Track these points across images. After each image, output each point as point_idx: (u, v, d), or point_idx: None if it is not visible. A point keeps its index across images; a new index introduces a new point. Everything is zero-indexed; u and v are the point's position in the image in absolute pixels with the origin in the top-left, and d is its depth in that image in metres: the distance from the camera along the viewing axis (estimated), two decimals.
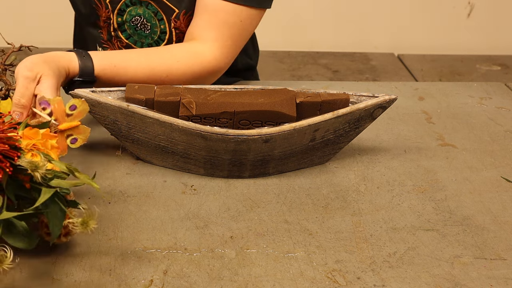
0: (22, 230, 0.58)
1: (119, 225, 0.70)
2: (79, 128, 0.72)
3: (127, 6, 0.96)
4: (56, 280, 0.62)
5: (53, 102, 0.70)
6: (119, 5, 0.96)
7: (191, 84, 0.87)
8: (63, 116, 0.71)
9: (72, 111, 0.71)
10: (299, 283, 0.63)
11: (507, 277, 0.66)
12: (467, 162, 0.88)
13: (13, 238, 0.57)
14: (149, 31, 0.97)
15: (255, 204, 0.76)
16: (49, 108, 0.70)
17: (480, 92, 1.12)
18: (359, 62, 2.14)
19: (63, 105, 0.71)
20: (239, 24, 0.88)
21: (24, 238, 0.58)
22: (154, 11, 0.95)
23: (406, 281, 0.64)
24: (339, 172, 0.83)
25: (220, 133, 0.74)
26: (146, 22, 0.96)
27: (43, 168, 0.56)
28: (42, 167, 0.56)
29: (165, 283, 0.62)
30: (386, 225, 0.73)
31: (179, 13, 0.94)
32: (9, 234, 0.57)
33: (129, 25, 0.97)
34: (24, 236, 0.58)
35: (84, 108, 0.72)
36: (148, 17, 0.95)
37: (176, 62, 0.87)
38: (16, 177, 0.59)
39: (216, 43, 0.89)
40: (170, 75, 0.87)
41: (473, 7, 2.28)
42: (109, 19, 0.97)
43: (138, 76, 0.85)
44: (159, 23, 0.96)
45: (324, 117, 0.76)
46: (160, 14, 0.95)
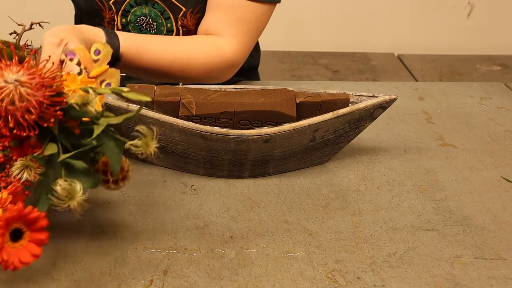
0: (82, 170, 0.57)
1: (119, 225, 0.70)
2: (108, 72, 0.69)
3: (132, 6, 0.96)
4: (56, 280, 0.62)
5: (78, 51, 0.69)
6: (123, 6, 0.96)
7: (209, 77, 0.88)
8: (91, 63, 0.69)
9: (98, 56, 0.70)
10: (299, 283, 0.63)
11: (507, 277, 0.66)
12: (467, 162, 0.88)
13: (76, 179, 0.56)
14: (154, 30, 0.97)
15: (255, 204, 0.76)
16: (75, 57, 0.69)
17: (480, 92, 1.12)
18: (359, 62, 2.14)
19: (87, 52, 0.70)
20: (255, 20, 0.90)
21: (86, 177, 0.57)
22: (161, 10, 0.95)
23: (406, 281, 0.64)
24: (339, 172, 0.83)
25: (220, 133, 0.74)
26: (152, 22, 0.96)
27: (94, 102, 0.56)
28: (93, 101, 0.56)
29: (165, 283, 0.62)
30: (386, 225, 0.73)
31: (186, 11, 0.94)
32: (71, 175, 0.56)
33: (134, 26, 0.97)
34: (86, 176, 0.57)
35: (107, 50, 0.70)
36: (154, 17, 0.96)
37: (198, 51, 0.88)
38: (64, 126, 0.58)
39: (234, 39, 0.90)
40: (190, 64, 0.88)
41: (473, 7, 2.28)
42: (113, 20, 0.97)
43: (161, 61, 0.86)
44: (165, 22, 0.96)
45: (324, 117, 0.76)
46: (167, 13, 0.95)
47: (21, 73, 0.53)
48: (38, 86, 0.54)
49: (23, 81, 0.53)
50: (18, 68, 0.54)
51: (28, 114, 0.53)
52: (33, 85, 0.53)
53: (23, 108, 0.53)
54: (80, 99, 0.56)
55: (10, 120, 0.53)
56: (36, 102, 0.53)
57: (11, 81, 0.53)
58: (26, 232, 0.52)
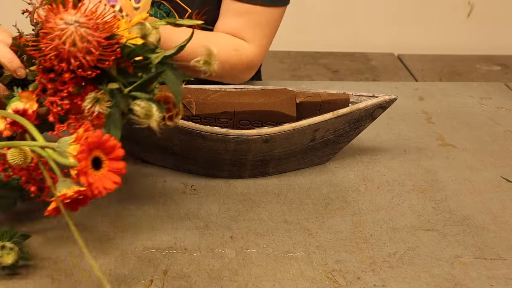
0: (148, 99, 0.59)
1: (119, 225, 0.70)
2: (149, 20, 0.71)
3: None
4: (56, 280, 0.62)
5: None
6: None
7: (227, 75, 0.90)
8: (132, 11, 0.70)
9: (138, 4, 0.71)
10: (299, 283, 0.63)
11: (507, 277, 0.66)
12: (467, 162, 0.88)
13: None
14: None
15: (255, 204, 0.76)
16: (117, 4, 0.70)
17: (480, 92, 1.12)
18: (359, 62, 2.14)
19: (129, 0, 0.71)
20: (272, 24, 0.93)
21: None
22: (167, 11, 0.95)
23: (406, 281, 0.64)
24: (339, 172, 0.83)
25: (220, 133, 0.74)
26: None
27: (154, 33, 0.59)
28: (153, 32, 0.59)
29: (165, 283, 0.62)
30: (386, 225, 0.73)
31: (191, 12, 0.95)
32: None
33: None
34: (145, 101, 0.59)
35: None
36: (160, 17, 0.96)
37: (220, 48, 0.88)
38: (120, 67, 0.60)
39: (253, 42, 0.93)
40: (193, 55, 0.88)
41: (473, 7, 2.28)
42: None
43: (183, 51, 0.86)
44: None
45: (324, 117, 0.76)
46: (172, 14, 0.95)
47: (79, 15, 0.55)
48: (95, 27, 0.56)
49: (82, 22, 0.55)
50: (75, 10, 0.56)
51: (89, 55, 0.55)
52: (91, 26, 0.55)
53: (84, 49, 0.55)
54: (140, 32, 0.58)
55: (74, 62, 0.55)
56: (96, 42, 0.55)
57: (71, 23, 0.55)
58: (105, 161, 0.53)
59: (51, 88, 0.59)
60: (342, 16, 2.28)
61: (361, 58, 2.19)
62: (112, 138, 0.53)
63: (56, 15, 0.56)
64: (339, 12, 2.27)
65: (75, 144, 0.54)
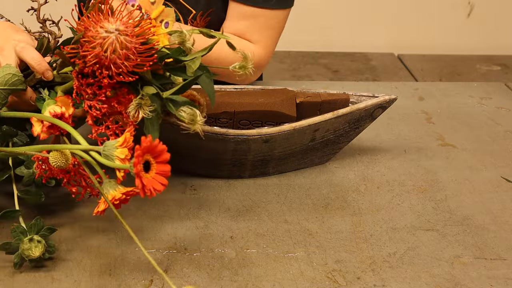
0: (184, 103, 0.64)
1: (119, 225, 0.70)
2: (165, 12, 0.74)
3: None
4: (56, 280, 0.62)
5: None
6: None
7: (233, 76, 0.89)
8: (149, 6, 0.73)
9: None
10: (299, 283, 0.63)
11: (507, 277, 0.66)
12: (467, 162, 0.88)
13: None
14: None
15: (255, 204, 0.76)
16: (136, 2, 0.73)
17: (480, 92, 1.12)
18: (359, 62, 2.14)
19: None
20: (277, 26, 0.95)
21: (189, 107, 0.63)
22: None
23: (406, 281, 0.64)
24: (339, 172, 0.83)
25: (220, 133, 0.73)
26: None
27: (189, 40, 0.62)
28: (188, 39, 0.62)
29: (165, 283, 0.62)
30: (386, 225, 0.73)
31: (196, 14, 0.95)
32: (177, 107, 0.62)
33: None
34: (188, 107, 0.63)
35: None
36: None
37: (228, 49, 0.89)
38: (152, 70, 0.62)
39: (260, 43, 0.94)
40: (219, 59, 0.89)
41: (473, 7, 2.28)
42: None
43: None
44: None
45: (324, 117, 0.76)
46: (176, 15, 0.95)
47: (119, 23, 0.58)
48: (133, 34, 0.58)
49: (121, 30, 0.58)
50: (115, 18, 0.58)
51: (128, 61, 0.58)
52: (130, 33, 0.58)
53: (124, 55, 0.58)
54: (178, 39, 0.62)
55: (114, 68, 0.58)
56: (134, 48, 0.58)
57: (113, 31, 0.58)
58: (153, 164, 0.56)
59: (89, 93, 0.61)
60: (342, 16, 2.28)
61: (361, 58, 2.19)
62: (160, 143, 0.55)
63: (97, 23, 0.58)
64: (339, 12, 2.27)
65: (122, 147, 0.57)
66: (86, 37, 0.59)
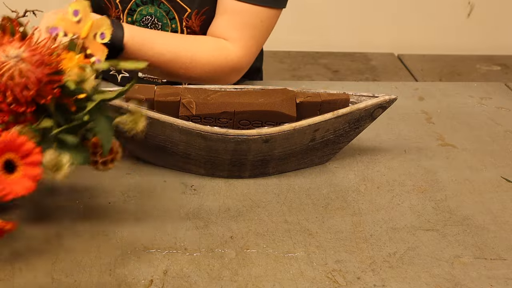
0: (74, 145, 0.58)
1: (119, 225, 0.70)
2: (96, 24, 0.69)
3: (138, 5, 0.96)
4: (56, 280, 0.62)
5: (58, 22, 0.68)
6: (130, 4, 0.96)
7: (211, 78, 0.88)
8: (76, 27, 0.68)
9: (78, 16, 0.68)
10: (299, 283, 0.63)
11: (507, 277, 0.66)
12: (467, 162, 0.88)
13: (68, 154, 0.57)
14: (159, 30, 0.97)
15: (255, 204, 0.76)
16: (60, 30, 0.68)
17: (480, 92, 1.12)
18: (359, 62, 2.14)
19: (67, 18, 0.68)
20: (260, 25, 0.91)
21: (77, 153, 0.58)
22: (166, 10, 0.95)
23: (406, 281, 0.64)
24: (339, 172, 0.83)
25: (220, 133, 0.74)
26: (157, 22, 0.97)
27: (91, 80, 0.58)
28: (90, 79, 0.58)
29: (165, 283, 0.62)
30: (386, 225, 0.73)
31: (191, 12, 0.95)
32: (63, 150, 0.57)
33: (139, 25, 0.97)
34: (77, 151, 0.58)
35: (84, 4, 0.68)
36: (160, 16, 0.96)
37: (202, 50, 0.88)
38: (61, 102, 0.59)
39: (239, 43, 0.91)
40: (193, 62, 0.87)
41: (473, 7, 2.28)
42: (119, 19, 0.98)
43: (163, 56, 0.85)
44: (170, 22, 0.96)
45: (324, 117, 0.76)
46: (172, 13, 0.95)
47: (23, 49, 0.54)
48: (38, 63, 0.55)
49: (24, 57, 0.54)
50: (20, 44, 0.55)
51: (26, 90, 0.54)
52: (34, 62, 0.54)
53: (21, 84, 0.54)
54: (77, 77, 0.57)
55: (9, 95, 0.54)
56: (35, 79, 0.54)
57: (13, 57, 0.54)
58: (20, 166, 0.52)
59: None
60: (342, 16, 2.28)
61: (361, 58, 2.19)
62: (29, 142, 0.51)
63: (0, 46, 0.55)
64: (339, 12, 2.27)
65: None
66: None
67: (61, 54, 0.59)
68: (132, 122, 0.59)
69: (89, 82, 0.57)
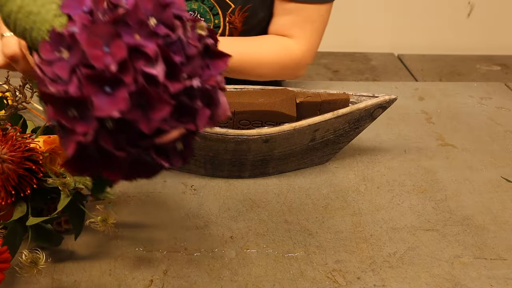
0: (48, 231, 0.63)
1: (119, 225, 0.70)
2: None
3: None
4: (56, 280, 0.62)
5: None
6: None
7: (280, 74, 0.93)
8: None
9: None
10: (299, 283, 0.63)
11: (507, 277, 0.66)
12: (467, 162, 0.88)
13: (41, 240, 0.63)
14: None
15: (255, 204, 0.76)
16: None
17: (480, 92, 1.12)
18: (359, 62, 2.14)
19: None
20: (320, 19, 0.96)
21: (50, 238, 0.64)
22: (210, 6, 0.97)
23: (406, 281, 0.64)
24: (339, 172, 0.83)
25: (220, 133, 0.74)
26: (200, 17, 0.98)
27: (71, 186, 0.61)
28: (70, 184, 0.61)
29: (165, 283, 0.62)
30: (386, 225, 0.73)
31: (234, 8, 0.96)
32: (37, 236, 0.62)
33: None
34: (50, 236, 0.63)
35: None
36: (203, 12, 0.97)
37: (268, 50, 0.93)
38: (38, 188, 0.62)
39: (303, 39, 0.95)
40: (261, 63, 0.92)
41: (473, 7, 2.28)
42: None
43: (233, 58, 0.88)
44: (213, 18, 0.98)
45: (324, 117, 0.76)
46: (215, 9, 0.97)
47: (5, 151, 0.58)
48: (18, 160, 0.58)
49: (6, 158, 0.57)
50: (2, 145, 0.58)
51: (6, 183, 0.58)
52: (15, 160, 0.58)
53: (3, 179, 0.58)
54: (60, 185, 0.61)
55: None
56: (15, 175, 0.58)
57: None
58: None
59: None
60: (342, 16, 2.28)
61: (361, 58, 2.19)
62: None
63: None
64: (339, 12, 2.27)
65: None
66: None
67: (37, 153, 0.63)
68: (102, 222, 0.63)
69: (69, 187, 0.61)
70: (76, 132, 0.38)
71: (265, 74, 0.94)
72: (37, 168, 0.61)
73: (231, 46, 0.90)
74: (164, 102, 0.38)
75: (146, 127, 0.38)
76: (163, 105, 0.38)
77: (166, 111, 0.38)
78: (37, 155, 0.61)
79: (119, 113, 0.36)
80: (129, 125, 0.38)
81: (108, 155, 0.39)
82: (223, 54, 0.44)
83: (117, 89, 0.37)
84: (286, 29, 0.95)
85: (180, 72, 0.39)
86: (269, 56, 0.93)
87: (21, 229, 0.62)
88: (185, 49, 0.40)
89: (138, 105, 0.37)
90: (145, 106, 0.38)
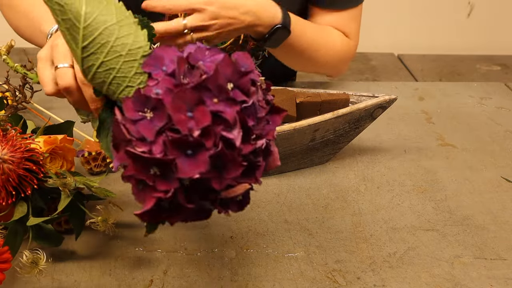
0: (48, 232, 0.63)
1: (119, 225, 0.70)
2: None
3: None
4: (56, 280, 0.62)
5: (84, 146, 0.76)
6: None
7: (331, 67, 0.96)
8: None
9: None
10: (299, 283, 0.63)
11: (507, 277, 0.66)
12: (467, 162, 0.88)
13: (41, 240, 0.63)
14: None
15: (255, 204, 0.76)
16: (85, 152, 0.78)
17: (480, 92, 1.12)
18: (359, 62, 2.14)
19: None
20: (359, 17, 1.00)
21: (51, 238, 0.64)
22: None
23: (406, 281, 0.64)
24: (339, 172, 0.83)
25: None
26: None
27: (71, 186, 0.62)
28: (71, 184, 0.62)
29: (165, 283, 0.62)
30: (386, 225, 0.73)
31: None
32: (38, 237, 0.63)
33: None
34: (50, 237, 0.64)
35: None
36: None
37: (333, 41, 0.95)
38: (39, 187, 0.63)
39: (355, 36, 0.99)
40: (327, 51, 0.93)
41: (473, 7, 2.28)
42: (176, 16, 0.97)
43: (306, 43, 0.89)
44: None
45: (324, 117, 0.76)
46: None
47: (5, 152, 0.58)
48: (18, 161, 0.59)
49: (6, 158, 0.58)
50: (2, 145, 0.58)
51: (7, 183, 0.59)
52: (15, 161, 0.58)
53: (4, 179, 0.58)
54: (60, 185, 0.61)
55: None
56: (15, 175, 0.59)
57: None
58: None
59: None
60: None
61: (361, 58, 2.19)
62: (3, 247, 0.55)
63: None
64: None
65: None
66: None
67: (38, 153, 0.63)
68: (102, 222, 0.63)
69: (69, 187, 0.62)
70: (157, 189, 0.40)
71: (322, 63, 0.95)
72: (38, 168, 0.61)
73: (305, 26, 0.90)
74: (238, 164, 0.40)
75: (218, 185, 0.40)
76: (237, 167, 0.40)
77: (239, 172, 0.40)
78: (38, 156, 0.62)
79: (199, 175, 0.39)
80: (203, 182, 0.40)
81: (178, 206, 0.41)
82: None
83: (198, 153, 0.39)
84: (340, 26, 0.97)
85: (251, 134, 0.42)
86: (335, 44, 0.94)
87: (22, 229, 0.62)
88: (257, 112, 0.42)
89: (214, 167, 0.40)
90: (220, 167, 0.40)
